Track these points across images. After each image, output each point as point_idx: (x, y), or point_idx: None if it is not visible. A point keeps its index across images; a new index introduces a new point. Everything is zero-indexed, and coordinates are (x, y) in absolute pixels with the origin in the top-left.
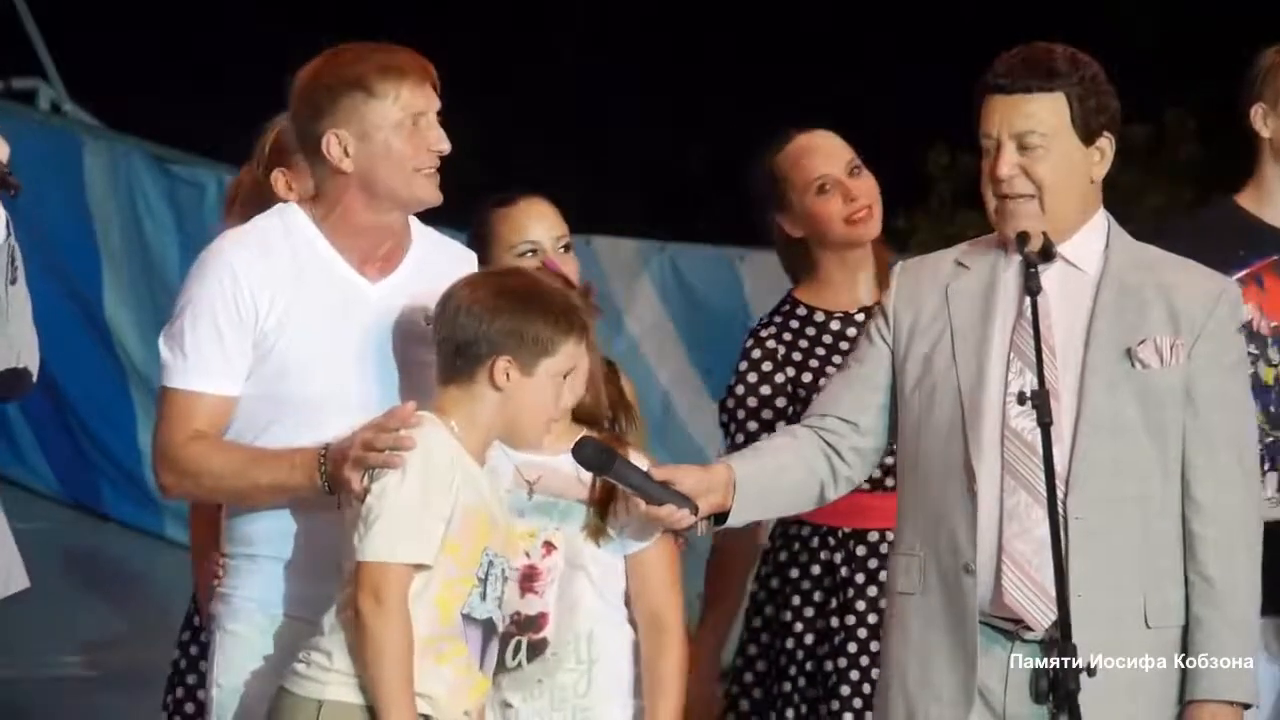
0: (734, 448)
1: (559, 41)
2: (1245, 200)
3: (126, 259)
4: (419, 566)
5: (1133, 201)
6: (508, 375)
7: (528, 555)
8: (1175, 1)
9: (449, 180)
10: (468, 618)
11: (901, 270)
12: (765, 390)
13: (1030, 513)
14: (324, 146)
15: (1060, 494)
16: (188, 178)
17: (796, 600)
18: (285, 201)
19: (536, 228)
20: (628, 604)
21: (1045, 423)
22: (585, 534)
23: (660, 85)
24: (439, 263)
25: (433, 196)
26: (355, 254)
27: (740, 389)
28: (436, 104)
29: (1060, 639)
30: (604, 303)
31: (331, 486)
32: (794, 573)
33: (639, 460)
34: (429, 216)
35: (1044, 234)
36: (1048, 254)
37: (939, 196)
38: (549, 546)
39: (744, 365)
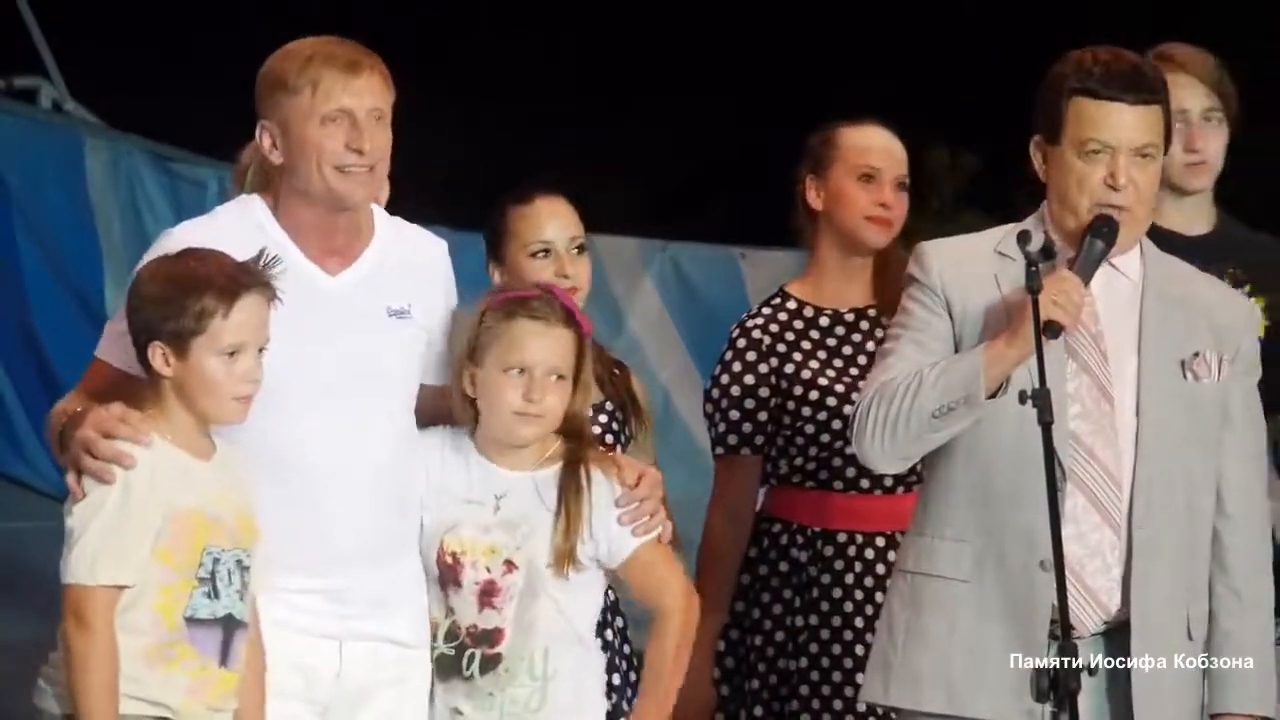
0: (716, 439)
1: (560, 41)
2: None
3: (128, 256)
4: (124, 587)
5: None
6: (166, 361)
7: (488, 570)
8: (1175, 1)
9: (448, 178)
10: (196, 620)
11: (934, 251)
12: (749, 380)
13: (1088, 517)
14: (258, 138)
15: (1125, 503)
16: (189, 175)
17: (766, 597)
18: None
19: (551, 227)
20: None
21: (1046, 421)
22: (551, 568)
23: (660, 85)
24: (403, 254)
25: (352, 195)
26: (311, 246)
27: (725, 378)
28: (373, 100)
29: (1060, 638)
30: (606, 301)
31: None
32: (763, 569)
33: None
34: (426, 213)
35: (1045, 233)
36: (1049, 252)
37: (940, 196)
38: (509, 565)
39: (729, 355)
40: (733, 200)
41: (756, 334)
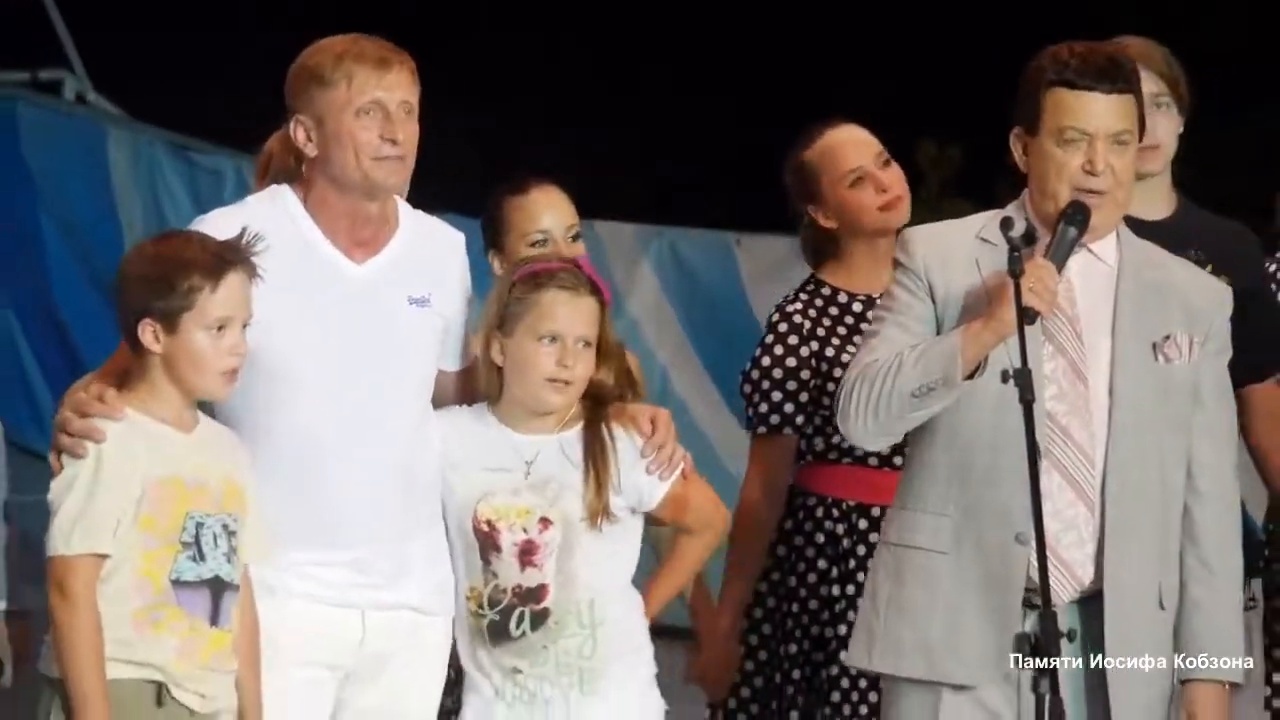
0: (758, 418)
1: (560, 33)
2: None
3: None
4: (101, 555)
5: None
6: (156, 337)
7: (525, 530)
8: (1168, 2)
9: (449, 167)
10: (183, 582)
11: (919, 236)
12: (791, 362)
13: (1063, 493)
14: (292, 132)
15: (1098, 480)
16: (207, 165)
17: (802, 567)
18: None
19: (548, 217)
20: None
21: (1028, 400)
22: (585, 522)
23: (660, 76)
24: (427, 245)
25: (387, 180)
26: (339, 236)
27: (766, 360)
28: (402, 93)
29: (1041, 605)
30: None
31: None
32: (798, 540)
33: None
34: (429, 200)
35: (1027, 219)
36: (1030, 238)
37: (928, 188)
38: (545, 522)
39: (770, 338)
40: (731, 195)
41: (797, 318)
